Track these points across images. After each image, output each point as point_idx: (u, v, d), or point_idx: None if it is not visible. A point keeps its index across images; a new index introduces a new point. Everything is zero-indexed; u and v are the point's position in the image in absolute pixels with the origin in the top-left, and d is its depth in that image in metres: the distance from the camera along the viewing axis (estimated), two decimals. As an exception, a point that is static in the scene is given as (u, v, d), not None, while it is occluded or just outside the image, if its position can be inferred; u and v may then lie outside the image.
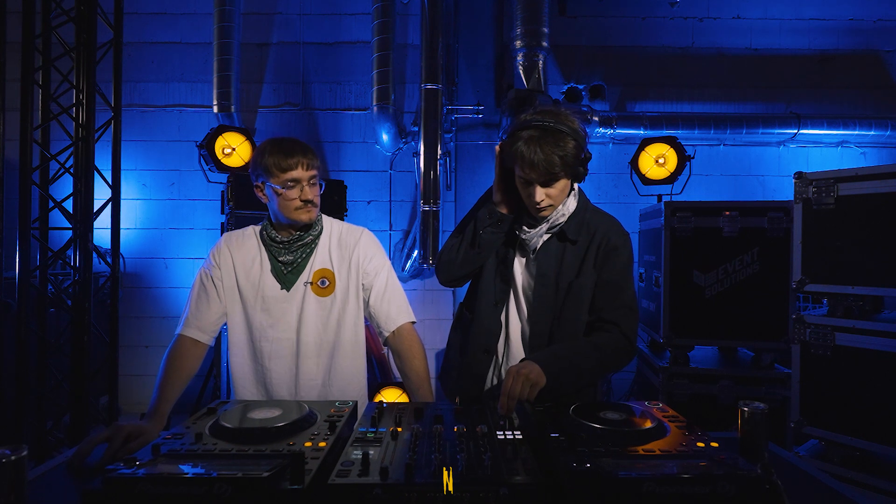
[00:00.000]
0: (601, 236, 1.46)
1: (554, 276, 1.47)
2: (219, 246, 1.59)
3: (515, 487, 0.79)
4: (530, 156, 1.29)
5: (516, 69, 3.79)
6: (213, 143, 3.53)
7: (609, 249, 1.45)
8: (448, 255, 1.55)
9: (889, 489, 2.06)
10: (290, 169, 1.45)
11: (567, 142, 1.31)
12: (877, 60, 4.21)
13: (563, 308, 1.46)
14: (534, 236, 1.47)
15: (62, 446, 3.00)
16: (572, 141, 1.32)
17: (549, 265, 1.47)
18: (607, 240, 1.46)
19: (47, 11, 2.96)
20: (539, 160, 1.29)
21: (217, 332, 1.57)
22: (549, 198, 1.37)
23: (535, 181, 1.34)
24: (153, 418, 1.32)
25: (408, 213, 4.19)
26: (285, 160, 1.45)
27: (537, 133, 1.31)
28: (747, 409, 0.98)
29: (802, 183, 2.35)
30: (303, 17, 4.21)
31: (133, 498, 0.79)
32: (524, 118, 1.36)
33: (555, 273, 1.47)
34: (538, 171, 1.31)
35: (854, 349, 2.19)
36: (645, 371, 3.30)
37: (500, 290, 1.53)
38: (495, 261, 1.54)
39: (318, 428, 1.03)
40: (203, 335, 1.51)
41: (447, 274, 1.57)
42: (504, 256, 1.53)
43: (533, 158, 1.29)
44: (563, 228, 1.46)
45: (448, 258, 1.54)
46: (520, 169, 1.35)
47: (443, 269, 1.57)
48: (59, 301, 3.03)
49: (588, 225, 1.48)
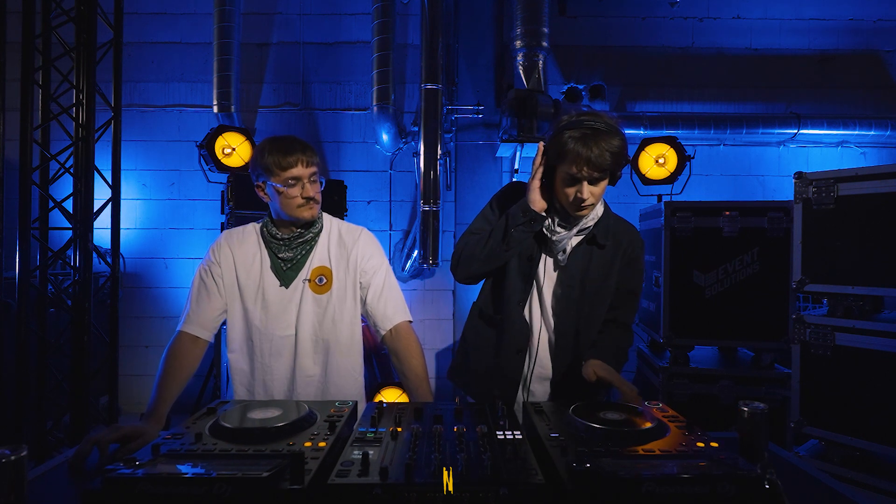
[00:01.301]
0: (627, 244, 1.55)
1: (580, 277, 1.53)
2: (219, 242, 1.59)
3: (515, 487, 0.79)
4: (586, 152, 1.34)
5: (516, 69, 3.79)
6: (213, 143, 3.53)
7: (632, 259, 1.56)
8: (470, 250, 1.55)
9: (889, 489, 2.06)
10: (291, 167, 1.45)
11: (617, 141, 1.36)
12: (877, 60, 4.21)
13: (589, 308, 1.55)
14: (564, 238, 1.50)
15: (62, 446, 3.00)
16: (621, 141, 1.37)
17: (577, 267, 1.53)
18: (632, 248, 1.56)
19: (47, 11, 2.96)
20: (594, 156, 1.34)
21: (217, 329, 1.57)
22: (592, 196, 1.41)
23: (585, 178, 1.38)
24: (152, 418, 1.31)
25: (408, 213, 4.19)
26: (285, 158, 1.45)
27: (590, 131, 1.35)
28: (747, 409, 0.98)
29: (802, 183, 2.35)
30: (303, 17, 4.21)
31: (133, 498, 0.79)
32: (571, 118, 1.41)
33: (581, 275, 1.53)
34: (592, 166, 1.35)
35: (854, 349, 2.19)
36: (645, 371, 3.30)
37: (522, 289, 1.57)
38: (518, 260, 1.57)
39: (317, 428, 1.03)
40: (203, 331, 1.51)
41: (466, 270, 1.58)
42: (529, 256, 1.56)
43: (589, 155, 1.34)
44: (594, 233, 1.53)
45: (470, 253, 1.55)
46: (569, 165, 1.38)
47: (463, 265, 1.58)
48: (59, 301, 3.03)
49: (613, 231, 1.56)
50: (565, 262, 1.54)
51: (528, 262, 1.56)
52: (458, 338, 4.12)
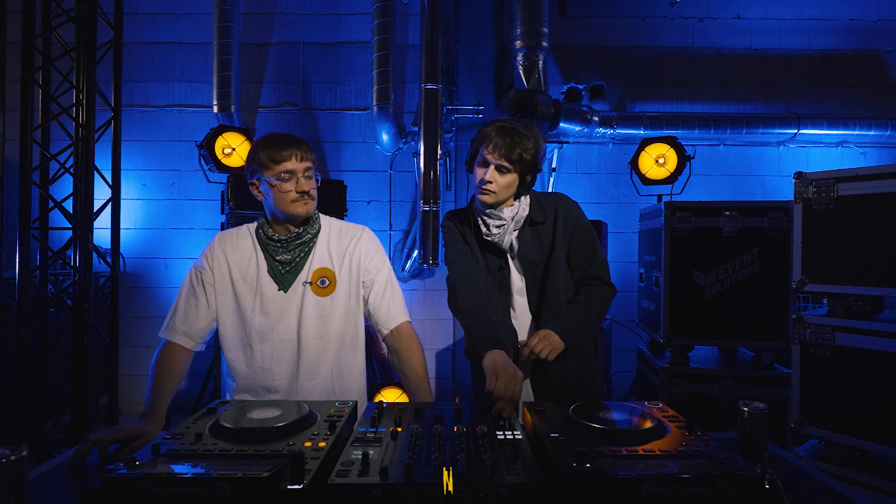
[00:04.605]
0: (563, 213, 1.66)
1: (539, 258, 1.65)
2: (211, 246, 1.54)
3: (515, 487, 0.79)
4: (499, 139, 1.52)
5: (516, 69, 3.79)
6: (213, 143, 3.53)
7: (574, 222, 1.66)
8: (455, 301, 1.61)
9: (889, 489, 2.06)
10: (284, 160, 1.44)
11: (530, 144, 1.54)
12: (877, 60, 4.21)
13: (544, 283, 1.64)
14: (503, 236, 1.62)
15: (62, 446, 3.00)
16: (534, 145, 1.55)
17: (531, 252, 1.64)
18: (569, 214, 1.67)
19: (47, 11, 2.96)
20: (505, 145, 1.52)
21: (205, 339, 1.53)
22: (495, 182, 1.55)
23: (492, 163, 1.54)
24: (151, 418, 1.31)
25: (408, 213, 4.19)
26: (279, 152, 1.44)
27: (510, 127, 1.56)
28: (747, 409, 0.98)
29: (802, 183, 2.35)
30: (303, 17, 4.21)
31: (133, 498, 0.79)
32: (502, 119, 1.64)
33: (539, 256, 1.65)
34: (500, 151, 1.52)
35: (854, 349, 2.19)
36: (645, 371, 3.30)
37: (503, 300, 1.67)
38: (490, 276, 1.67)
39: (317, 428, 1.02)
40: (190, 342, 1.48)
41: None
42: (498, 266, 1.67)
43: (500, 142, 1.52)
44: (531, 215, 1.64)
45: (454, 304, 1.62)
46: (484, 148, 1.56)
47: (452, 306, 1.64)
48: (59, 301, 3.03)
49: (546, 206, 1.67)
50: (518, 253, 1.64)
51: (499, 273, 1.67)
52: (458, 338, 4.13)
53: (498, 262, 1.67)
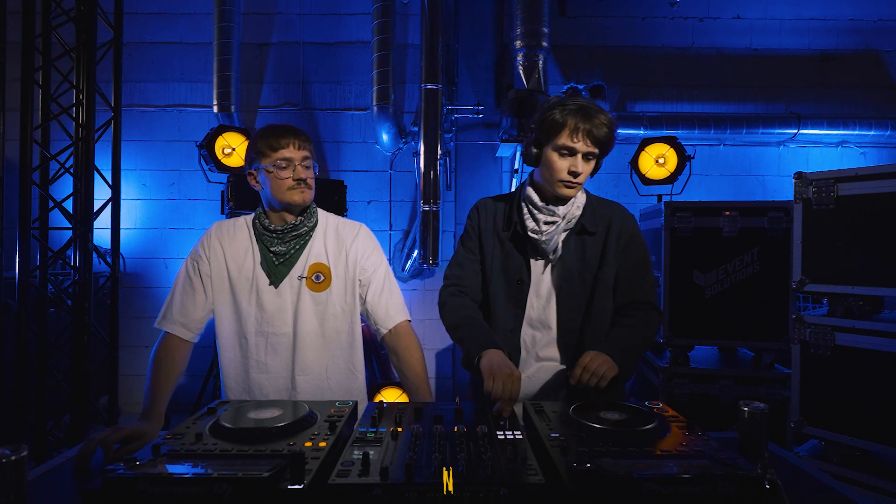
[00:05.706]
0: (617, 226, 1.51)
1: (578, 270, 1.50)
2: (208, 234, 1.53)
3: (515, 487, 0.79)
4: (584, 123, 1.36)
5: (516, 69, 3.79)
6: (213, 143, 3.53)
7: (628, 238, 1.51)
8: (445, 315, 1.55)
9: (889, 489, 2.06)
10: (282, 148, 1.44)
11: (608, 117, 1.38)
12: (877, 60, 4.21)
13: (591, 300, 1.50)
14: (552, 235, 1.47)
15: (62, 446, 3.00)
16: (610, 118, 1.39)
17: (572, 261, 1.50)
18: (624, 228, 1.51)
19: (47, 11, 2.96)
20: (594, 126, 1.35)
21: (202, 329, 1.52)
22: (584, 172, 1.40)
23: (581, 151, 1.38)
24: (151, 418, 1.30)
25: (408, 213, 4.19)
26: (277, 140, 1.44)
27: (585, 105, 1.38)
28: (747, 409, 0.98)
29: (802, 183, 2.35)
30: (303, 17, 4.21)
31: (133, 498, 0.79)
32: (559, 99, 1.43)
33: (579, 268, 1.50)
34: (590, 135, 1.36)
35: (854, 349, 2.19)
36: (645, 371, 3.30)
37: (515, 315, 1.53)
38: (506, 286, 1.54)
39: (318, 428, 1.02)
40: (188, 333, 1.48)
41: None
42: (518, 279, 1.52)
43: (587, 126, 1.36)
44: (582, 222, 1.49)
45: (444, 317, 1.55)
46: (566, 138, 1.38)
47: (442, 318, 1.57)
48: (59, 301, 3.02)
49: (600, 215, 1.52)
50: (558, 259, 1.50)
51: (517, 286, 1.52)
52: (458, 338, 4.12)
53: (518, 275, 1.52)
